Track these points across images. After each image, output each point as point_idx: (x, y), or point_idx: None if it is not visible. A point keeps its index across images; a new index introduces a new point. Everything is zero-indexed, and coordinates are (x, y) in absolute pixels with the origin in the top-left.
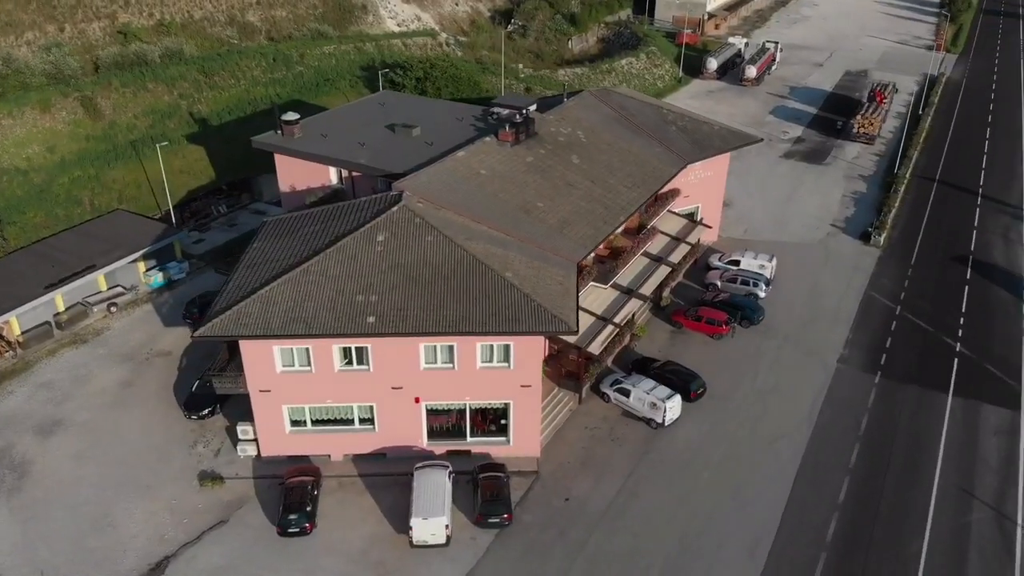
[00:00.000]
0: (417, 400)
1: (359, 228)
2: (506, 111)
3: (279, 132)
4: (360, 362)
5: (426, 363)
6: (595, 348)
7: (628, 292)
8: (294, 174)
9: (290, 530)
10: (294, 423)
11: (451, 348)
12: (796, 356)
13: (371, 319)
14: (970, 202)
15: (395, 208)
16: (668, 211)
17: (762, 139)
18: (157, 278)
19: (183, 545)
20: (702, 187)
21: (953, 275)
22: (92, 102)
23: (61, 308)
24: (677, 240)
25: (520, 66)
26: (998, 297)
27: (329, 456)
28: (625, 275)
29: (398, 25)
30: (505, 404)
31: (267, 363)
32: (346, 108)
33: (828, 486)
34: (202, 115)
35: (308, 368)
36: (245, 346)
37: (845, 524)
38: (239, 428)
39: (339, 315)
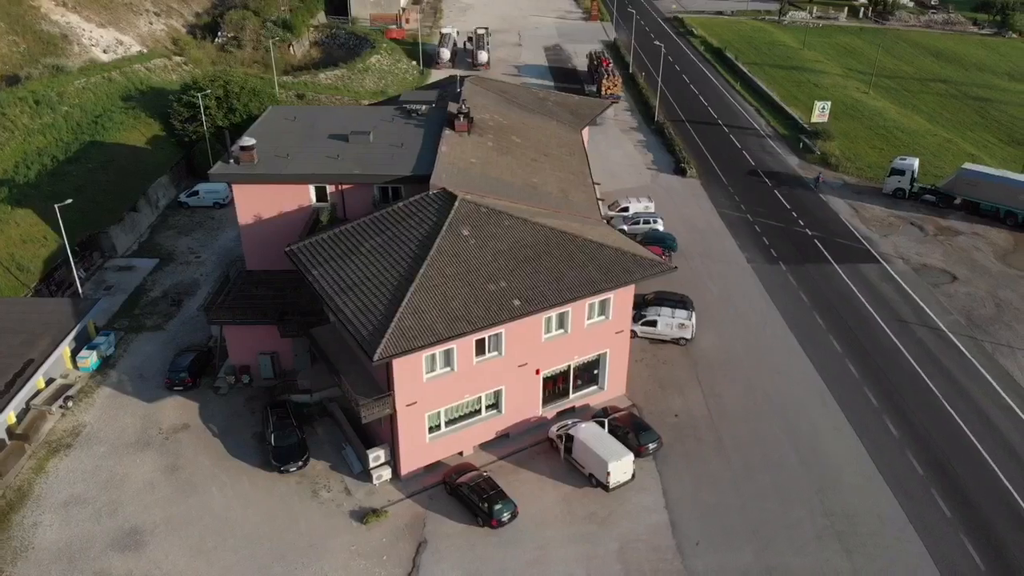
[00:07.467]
0: (537, 372)
1: (440, 228)
2: (424, 107)
3: (231, 161)
4: (493, 349)
5: (546, 334)
6: None
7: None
8: (258, 202)
9: (504, 518)
10: (430, 430)
11: (563, 315)
12: (718, 266)
13: (517, 302)
14: (720, 132)
15: (456, 203)
16: None
17: (617, 99)
18: (92, 359)
19: None
20: None
21: (759, 185)
22: None
23: (12, 420)
24: None
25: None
26: (798, 193)
27: (461, 453)
28: None
29: (104, 51)
30: (599, 355)
31: (416, 374)
32: (256, 129)
33: (826, 345)
34: None
35: (449, 369)
36: (398, 363)
37: (859, 366)
38: (371, 455)
39: (488, 306)
